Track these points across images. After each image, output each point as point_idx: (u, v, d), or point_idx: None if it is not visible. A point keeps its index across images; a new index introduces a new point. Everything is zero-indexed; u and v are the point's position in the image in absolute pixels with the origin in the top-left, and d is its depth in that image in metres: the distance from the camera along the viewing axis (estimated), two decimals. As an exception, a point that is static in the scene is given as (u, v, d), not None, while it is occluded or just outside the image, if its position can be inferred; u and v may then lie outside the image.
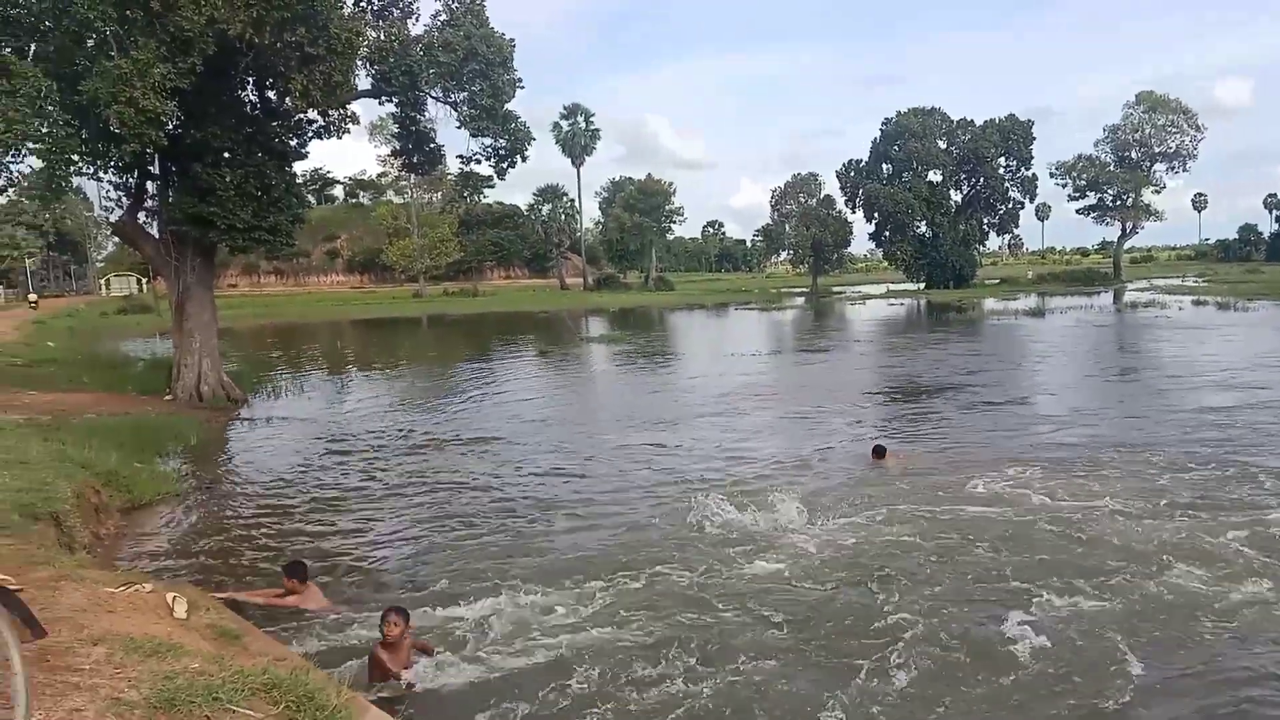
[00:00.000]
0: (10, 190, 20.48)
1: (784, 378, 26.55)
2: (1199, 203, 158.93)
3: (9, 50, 17.56)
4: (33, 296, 70.47)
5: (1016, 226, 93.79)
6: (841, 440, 16.26)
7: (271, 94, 21.97)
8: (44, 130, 17.01)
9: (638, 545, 10.11)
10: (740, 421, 18.74)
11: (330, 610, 8.29)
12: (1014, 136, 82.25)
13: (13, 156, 17.67)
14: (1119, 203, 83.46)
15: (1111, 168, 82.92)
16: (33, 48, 17.68)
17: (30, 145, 17.27)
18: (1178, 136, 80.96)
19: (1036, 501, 11.38)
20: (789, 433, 17.42)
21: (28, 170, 19.68)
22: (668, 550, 9.81)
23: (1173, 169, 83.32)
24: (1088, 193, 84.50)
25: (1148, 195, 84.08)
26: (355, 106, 22.95)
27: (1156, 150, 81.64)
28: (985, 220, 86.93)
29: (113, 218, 23.37)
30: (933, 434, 16.73)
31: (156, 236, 22.52)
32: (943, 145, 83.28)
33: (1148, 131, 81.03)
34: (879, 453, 14.15)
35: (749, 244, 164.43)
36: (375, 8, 22.54)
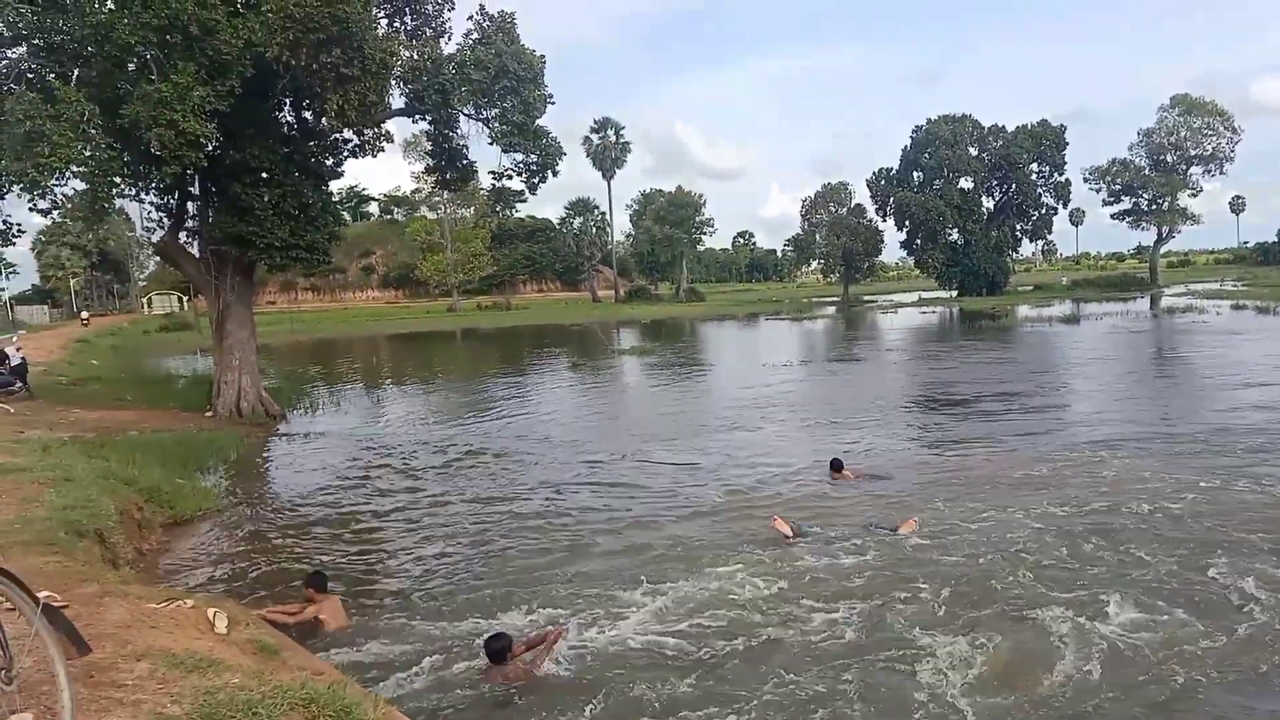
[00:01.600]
0: (55, 212, 20.92)
1: (817, 389, 26.39)
2: (1237, 205, 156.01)
3: (53, 76, 18.05)
4: (85, 314, 76.47)
5: (1050, 232, 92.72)
6: (892, 447, 16.19)
7: (308, 114, 22.32)
8: (87, 153, 17.41)
9: (678, 558, 10.11)
10: (774, 433, 18.69)
11: (347, 627, 8.38)
12: (1046, 142, 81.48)
13: (57, 179, 18.08)
14: (1155, 207, 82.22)
15: (1146, 171, 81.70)
16: (76, 73, 18.12)
17: (74, 168, 17.68)
18: (1214, 139, 79.67)
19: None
20: (826, 444, 17.30)
21: (71, 192, 20.11)
22: (710, 562, 9.81)
23: (1209, 172, 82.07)
24: (1123, 197, 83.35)
25: (1184, 199, 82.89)
26: (389, 125, 23.26)
27: (1192, 153, 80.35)
28: (1018, 226, 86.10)
29: (154, 238, 23.84)
30: (976, 441, 16.59)
31: (197, 256, 22.92)
32: (974, 152, 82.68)
33: (1183, 134, 79.79)
34: (836, 466, 13.87)
35: (779, 254, 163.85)
36: (408, 28, 22.88)
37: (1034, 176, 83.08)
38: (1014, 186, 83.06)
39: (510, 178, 25.28)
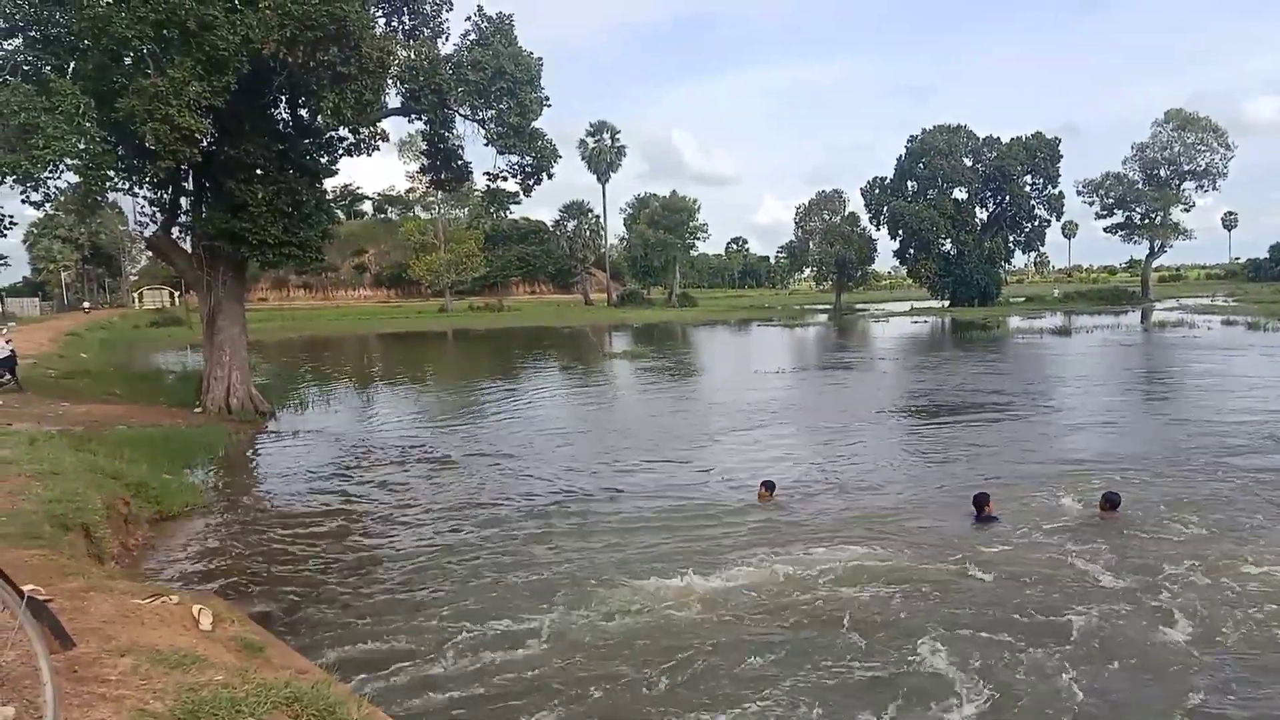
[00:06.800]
0: (48, 204, 20.86)
1: (808, 396, 26.44)
2: (1229, 221, 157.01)
3: (49, 68, 18.01)
4: (86, 304, 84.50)
5: (1042, 244, 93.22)
6: (891, 460, 16.23)
7: (303, 112, 22.31)
8: (81, 146, 17.39)
9: (653, 562, 10.12)
10: (768, 440, 18.71)
11: None
12: (1040, 154, 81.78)
13: (51, 172, 18.03)
14: (1147, 221, 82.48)
15: (1140, 186, 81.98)
16: (72, 66, 18.10)
17: (68, 161, 17.65)
18: (1207, 154, 79.94)
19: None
20: (818, 453, 17.35)
21: (65, 185, 20.05)
22: (693, 566, 9.83)
23: (1202, 187, 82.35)
24: (1115, 211, 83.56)
25: (1176, 213, 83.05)
26: (385, 124, 23.29)
27: (1185, 168, 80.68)
28: (1011, 238, 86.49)
29: (147, 232, 23.80)
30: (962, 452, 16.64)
31: (189, 251, 22.89)
32: (968, 163, 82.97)
33: (1177, 150, 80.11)
34: (769, 487, 13.47)
35: (772, 261, 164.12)
36: (406, 28, 22.91)
37: (1027, 188, 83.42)
38: (1007, 198, 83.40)
39: (505, 179, 25.35)
